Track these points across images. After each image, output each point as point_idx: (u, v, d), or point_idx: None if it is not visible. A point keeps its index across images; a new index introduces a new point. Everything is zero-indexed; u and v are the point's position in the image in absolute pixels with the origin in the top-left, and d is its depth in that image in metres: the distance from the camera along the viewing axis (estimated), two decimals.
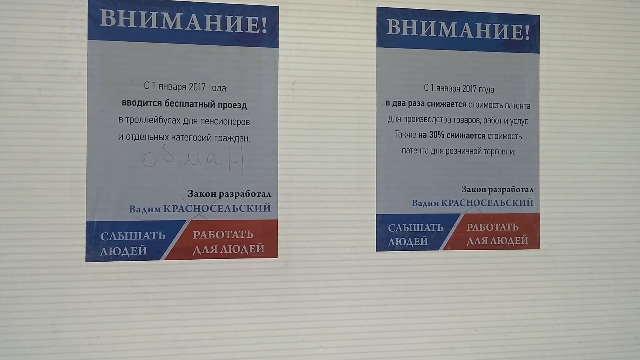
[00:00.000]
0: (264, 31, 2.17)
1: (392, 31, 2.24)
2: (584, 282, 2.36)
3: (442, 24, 2.27)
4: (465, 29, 2.28)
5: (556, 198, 2.34)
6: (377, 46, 2.23)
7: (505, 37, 2.31)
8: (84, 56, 2.06)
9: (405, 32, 2.25)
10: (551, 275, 2.33)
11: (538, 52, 2.34)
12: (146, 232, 2.08)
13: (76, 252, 2.04)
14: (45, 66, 2.04)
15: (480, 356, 2.29)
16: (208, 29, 2.13)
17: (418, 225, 2.25)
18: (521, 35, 2.32)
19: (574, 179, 2.35)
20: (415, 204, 2.25)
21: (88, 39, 2.06)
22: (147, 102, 2.09)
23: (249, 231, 2.15)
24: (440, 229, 2.26)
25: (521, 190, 2.31)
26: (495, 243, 2.30)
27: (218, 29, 2.14)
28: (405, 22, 2.24)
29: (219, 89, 2.14)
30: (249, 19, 2.16)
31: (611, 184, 2.38)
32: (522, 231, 2.32)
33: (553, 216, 2.34)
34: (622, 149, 2.39)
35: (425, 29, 2.26)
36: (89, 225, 2.05)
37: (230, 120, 2.14)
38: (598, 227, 2.37)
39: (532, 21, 2.33)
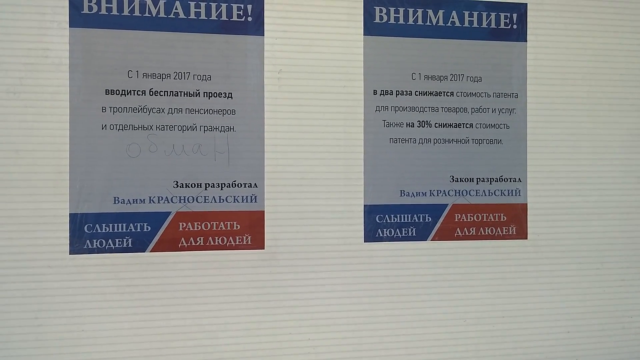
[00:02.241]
0: (250, 19, 2.14)
1: (379, 19, 2.22)
2: (572, 272, 2.36)
3: (430, 12, 2.25)
4: (453, 18, 2.27)
5: (544, 188, 2.34)
6: (364, 34, 2.21)
7: (493, 25, 2.30)
8: (65, 44, 2.02)
9: (392, 20, 2.23)
10: (539, 265, 2.33)
11: (526, 40, 2.33)
12: (131, 224, 2.05)
13: (60, 245, 2.01)
14: (25, 55, 2.00)
15: (469, 346, 2.29)
16: (192, 16, 2.10)
17: (406, 215, 2.24)
18: (509, 24, 2.31)
19: (561, 168, 2.35)
20: (403, 194, 2.23)
21: (69, 27, 2.02)
22: (130, 91, 2.06)
23: (235, 222, 2.12)
24: (428, 219, 2.25)
25: (509, 180, 2.31)
26: (483, 233, 2.29)
27: (202, 16, 2.10)
28: (392, 10, 2.22)
29: (204, 78, 2.11)
30: (234, 6, 2.12)
31: (599, 174, 2.38)
32: (510, 221, 2.31)
33: (541, 206, 2.34)
34: (610, 138, 2.39)
35: (413, 17, 2.24)
36: (73, 217, 2.01)
37: (215, 110, 2.11)
38: (585, 217, 2.37)
39: (520, 10, 2.32)
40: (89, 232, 2.02)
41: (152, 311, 2.07)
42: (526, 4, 2.33)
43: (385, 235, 2.22)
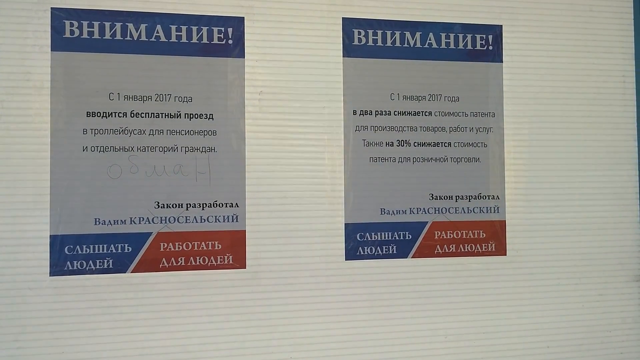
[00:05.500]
0: (230, 42, 2.17)
1: (358, 41, 2.26)
2: (550, 288, 2.39)
3: (407, 34, 2.30)
4: (430, 39, 2.32)
5: (522, 205, 2.37)
6: (343, 56, 2.25)
7: (469, 46, 2.35)
8: (47, 68, 2.03)
9: (370, 42, 2.27)
10: (518, 281, 2.36)
11: (501, 61, 2.38)
12: (112, 245, 2.05)
13: (40, 267, 2.01)
14: (7, 78, 2.01)
15: None
16: (174, 39, 2.12)
17: (386, 233, 2.26)
18: (485, 45, 2.36)
19: (538, 185, 2.39)
20: (383, 212, 2.26)
21: (51, 50, 2.04)
22: (112, 113, 2.07)
23: (216, 242, 2.13)
24: (409, 237, 2.28)
25: (487, 197, 2.34)
26: (462, 250, 2.32)
27: (184, 39, 2.13)
28: (370, 32, 2.27)
29: (185, 100, 2.13)
30: (215, 29, 2.16)
31: (575, 190, 2.43)
32: (489, 238, 2.34)
33: (519, 223, 2.37)
34: (585, 155, 2.44)
35: (391, 39, 2.29)
36: (53, 238, 2.01)
37: (196, 131, 2.13)
38: (563, 233, 2.41)
39: (495, 31, 2.38)
40: (70, 254, 2.02)
41: (133, 332, 2.06)
42: (501, 25, 2.38)
43: (366, 253, 2.24)
